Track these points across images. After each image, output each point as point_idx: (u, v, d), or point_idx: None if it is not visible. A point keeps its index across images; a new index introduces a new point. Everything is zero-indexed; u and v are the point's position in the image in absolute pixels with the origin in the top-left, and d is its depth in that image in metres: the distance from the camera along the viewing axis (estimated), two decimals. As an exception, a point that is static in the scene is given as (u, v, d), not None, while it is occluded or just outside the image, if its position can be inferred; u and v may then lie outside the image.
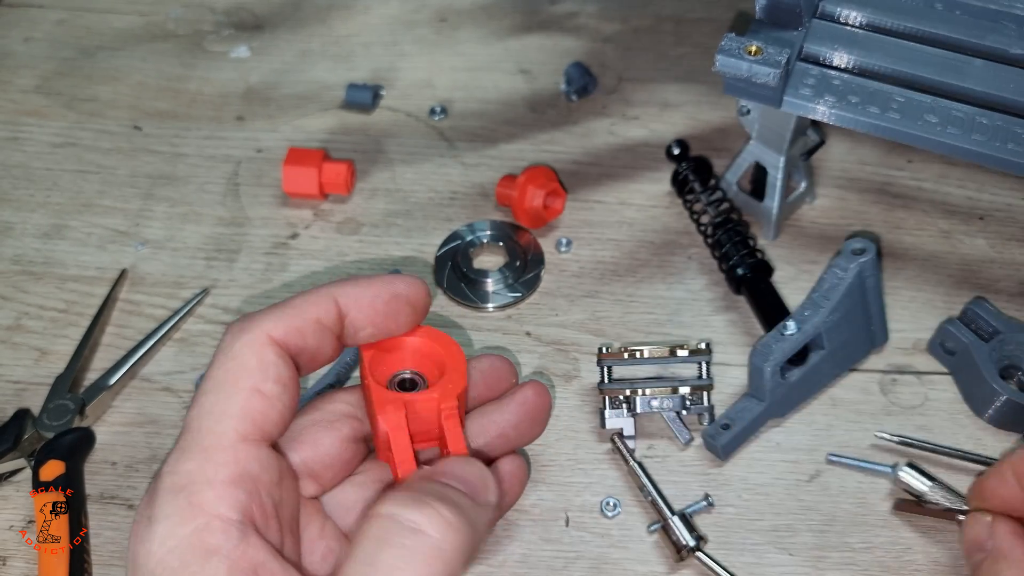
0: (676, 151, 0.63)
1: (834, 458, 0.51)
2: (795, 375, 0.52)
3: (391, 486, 0.41)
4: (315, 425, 0.41)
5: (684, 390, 0.52)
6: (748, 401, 0.52)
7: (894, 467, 0.49)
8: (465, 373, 0.41)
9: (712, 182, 0.61)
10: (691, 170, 0.61)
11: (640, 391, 0.52)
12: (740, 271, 0.57)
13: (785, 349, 0.51)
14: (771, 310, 0.55)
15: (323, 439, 0.41)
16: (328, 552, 0.40)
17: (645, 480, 0.49)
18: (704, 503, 0.49)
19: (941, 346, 0.54)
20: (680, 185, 0.62)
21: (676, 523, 0.47)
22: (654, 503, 0.49)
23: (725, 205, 0.60)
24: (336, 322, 0.39)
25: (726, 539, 0.49)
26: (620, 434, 0.51)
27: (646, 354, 0.52)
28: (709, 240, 0.59)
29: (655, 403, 0.52)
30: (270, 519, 0.36)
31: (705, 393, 0.52)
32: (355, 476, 0.43)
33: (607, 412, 0.52)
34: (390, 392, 0.40)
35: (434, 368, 0.42)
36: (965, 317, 0.54)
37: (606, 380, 0.52)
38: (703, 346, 0.53)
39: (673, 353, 0.52)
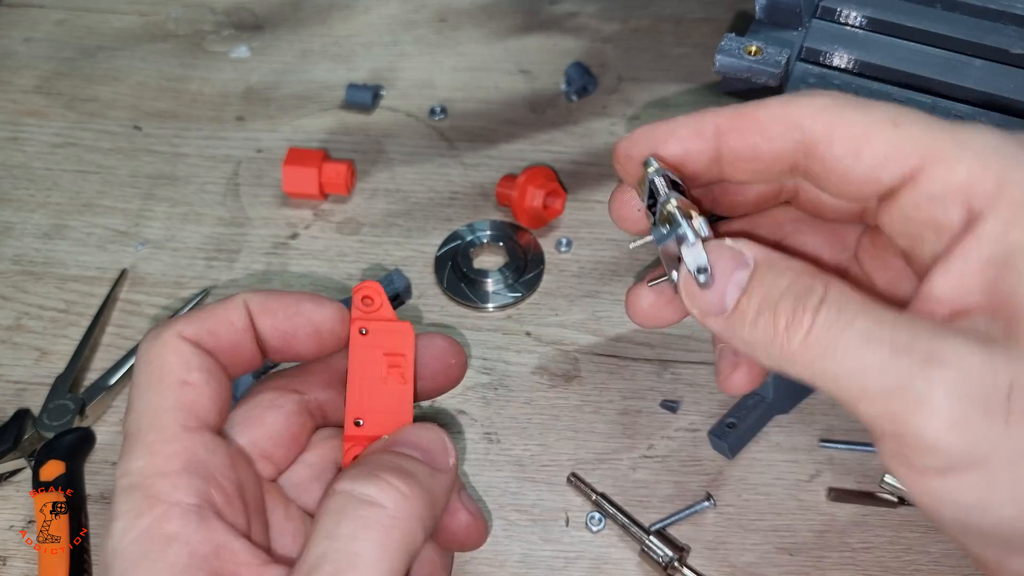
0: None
1: (825, 445, 0.51)
2: None
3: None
4: (257, 406, 0.41)
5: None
6: (752, 398, 0.52)
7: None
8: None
9: None
10: None
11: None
12: None
13: None
14: None
15: (267, 417, 0.41)
16: (297, 533, 0.40)
17: (613, 510, 0.49)
18: (707, 503, 0.49)
19: None
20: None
21: (653, 542, 0.47)
22: (627, 528, 0.48)
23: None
24: (249, 326, 0.39)
25: (726, 539, 0.49)
26: (575, 475, 0.50)
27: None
28: None
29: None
30: (233, 501, 0.36)
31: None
32: (307, 455, 0.42)
33: (690, 227, 0.34)
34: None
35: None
36: None
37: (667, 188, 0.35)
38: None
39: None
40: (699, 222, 0.34)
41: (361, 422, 0.40)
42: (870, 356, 0.30)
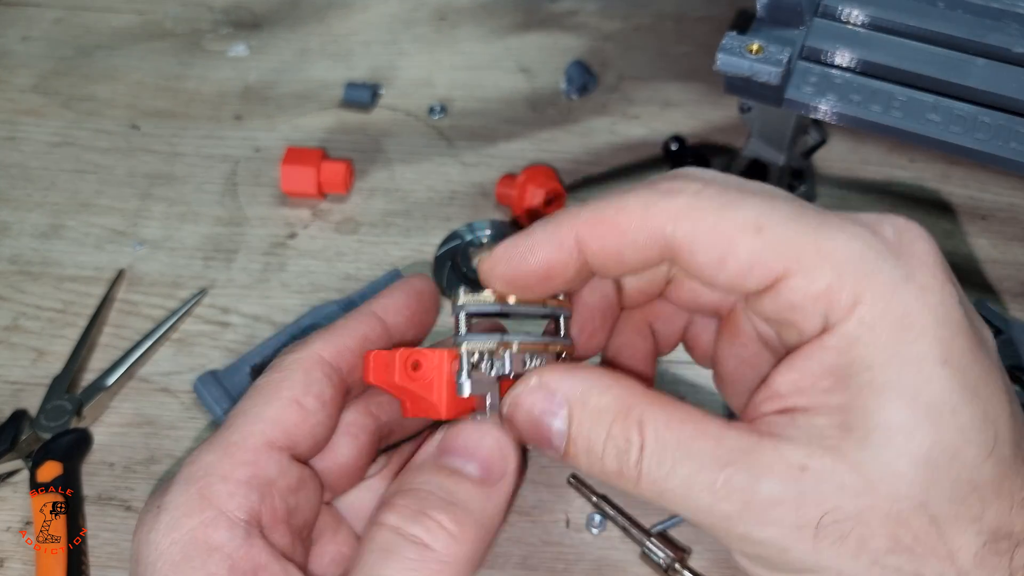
0: (674, 147, 0.63)
1: None
2: None
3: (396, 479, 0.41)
4: (336, 432, 0.41)
5: (554, 347, 0.40)
6: None
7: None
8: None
9: None
10: (690, 166, 0.61)
11: (512, 344, 0.38)
12: None
13: None
14: None
15: (341, 446, 0.40)
16: (338, 556, 0.40)
17: (614, 511, 0.49)
18: None
19: None
20: None
21: (654, 544, 0.47)
22: (626, 530, 0.48)
23: None
24: (382, 335, 0.40)
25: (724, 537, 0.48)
26: (576, 476, 0.50)
27: (512, 300, 0.38)
28: None
29: (527, 362, 0.38)
30: (279, 524, 0.36)
31: (566, 355, 0.41)
32: (370, 480, 0.43)
33: (463, 376, 0.36)
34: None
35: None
36: None
37: (463, 331, 0.37)
38: (562, 296, 0.40)
39: (543, 302, 0.39)
40: (498, 363, 0.36)
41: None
42: (696, 499, 0.32)
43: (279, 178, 0.63)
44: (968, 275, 0.59)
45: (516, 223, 0.61)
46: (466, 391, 0.35)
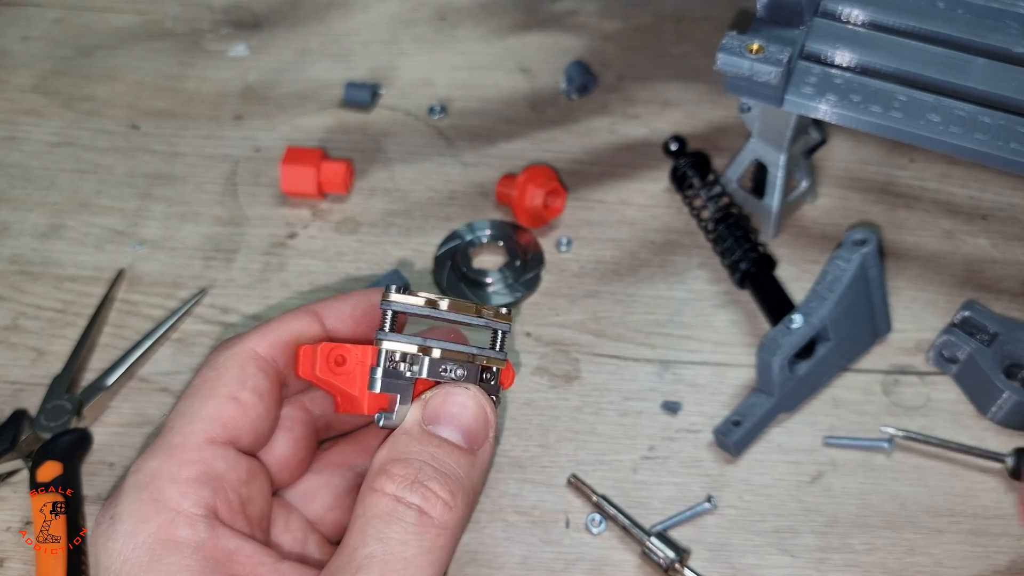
0: (674, 147, 0.63)
1: (832, 440, 0.51)
2: (803, 368, 0.52)
3: (351, 467, 0.43)
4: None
5: (481, 360, 0.40)
6: (757, 396, 0.52)
7: (889, 441, 0.49)
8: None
9: (711, 177, 0.61)
10: (690, 165, 0.61)
11: (434, 350, 0.38)
12: (743, 266, 0.57)
13: (792, 342, 0.51)
14: (776, 304, 0.55)
15: (277, 440, 0.41)
16: (294, 543, 0.41)
17: (614, 511, 0.49)
18: (707, 504, 0.49)
19: (941, 355, 0.54)
20: (679, 181, 0.62)
21: (654, 544, 0.47)
22: (628, 530, 0.48)
23: (725, 200, 0.59)
24: (319, 334, 0.41)
25: (727, 540, 0.48)
26: (576, 476, 0.50)
27: (444, 307, 0.39)
28: (711, 235, 0.59)
29: (447, 370, 0.39)
30: (236, 515, 0.37)
31: (496, 369, 0.41)
32: (314, 464, 0.44)
33: (377, 372, 0.37)
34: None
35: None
36: (963, 325, 0.54)
37: (388, 328, 0.38)
38: (504, 311, 0.42)
39: (479, 313, 0.40)
40: (416, 366, 0.38)
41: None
42: None
43: (279, 178, 0.63)
44: (968, 275, 0.59)
45: (516, 224, 0.61)
46: (377, 387, 0.37)
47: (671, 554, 0.46)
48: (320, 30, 0.75)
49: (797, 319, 0.51)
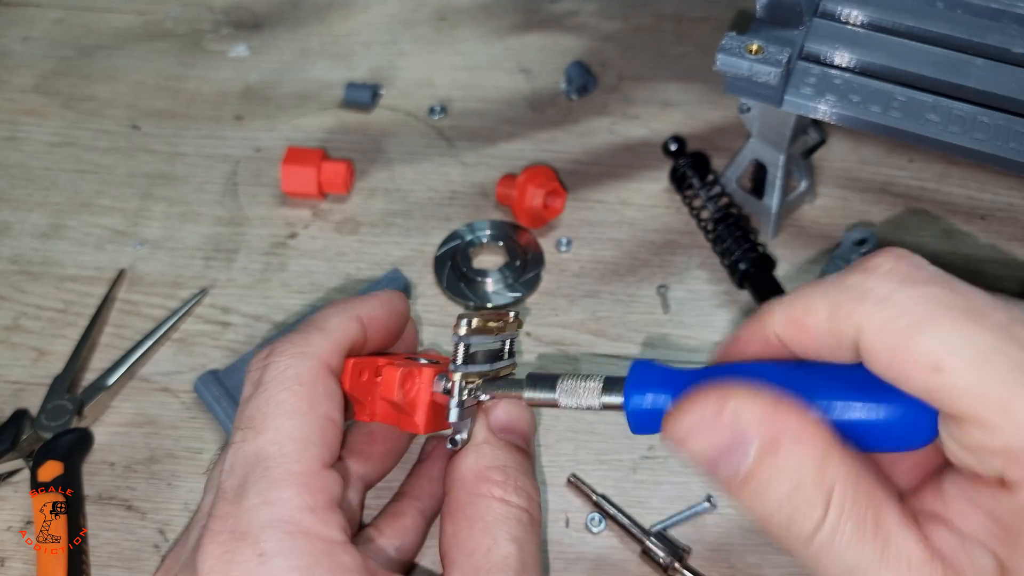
0: (673, 147, 0.63)
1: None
2: None
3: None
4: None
5: (504, 370, 0.44)
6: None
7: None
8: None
9: (711, 177, 0.61)
10: (689, 165, 0.61)
11: (476, 379, 0.42)
12: (743, 266, 0.57)
13: None
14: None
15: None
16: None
17: (614, 511, 0.49)
18: (706, 504, 0.49)
19: None
20: (679, 181, 0.62)
21: (654, 543, 0.47)
22: (628, 529, 0.48)
23: (725, 200, 0.60)
24: (361, 343, 0.42)
25: (728, 540, 0.48)
26: (575, 476, 0.50)
27: (504, 328, 0.43)
28: (710, 235, 0.59)
29: (497, 386, 0.42)
30: (350, 534, 0.38)
31: (511, 373, 0.45)
32: None
33: (454, 403, 0.40)
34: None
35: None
36: None
37: (461, 361, 0.40)
38: (512, 316, 0.44)
39: (519, 325, 0.44)
40: (475, 392, 0.41)
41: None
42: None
43: (279, 178, 0.63)
44: (968, 275, 0.58)
45: (516, 224, 0.61)
46: (455, 417, 0.40)
47: (670, 554, 0.46)
48: (321, 31, 0.75)
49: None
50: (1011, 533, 0.30)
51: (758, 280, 0.57)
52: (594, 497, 0.49)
